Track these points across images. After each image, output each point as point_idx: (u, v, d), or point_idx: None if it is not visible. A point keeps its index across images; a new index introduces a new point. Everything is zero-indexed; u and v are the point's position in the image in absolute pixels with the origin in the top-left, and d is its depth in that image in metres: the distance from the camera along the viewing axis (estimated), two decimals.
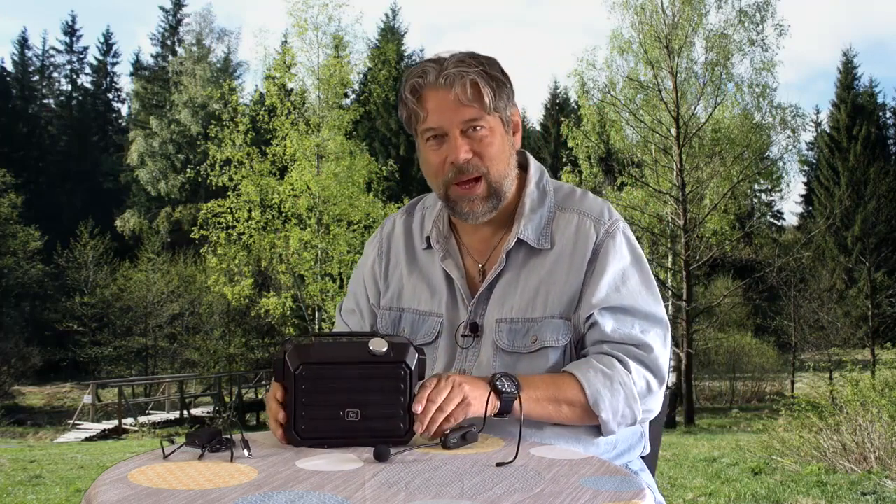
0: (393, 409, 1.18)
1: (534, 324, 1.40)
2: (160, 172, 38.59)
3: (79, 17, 73.49)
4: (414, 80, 1.39)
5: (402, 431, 1.18)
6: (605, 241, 1.42)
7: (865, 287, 27.56)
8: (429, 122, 1.39)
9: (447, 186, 1.41)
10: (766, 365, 27.11)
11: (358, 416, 1.17)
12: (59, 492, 6.36)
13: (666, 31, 19.59)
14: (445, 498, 0.93)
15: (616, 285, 1.40)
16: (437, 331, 1.47)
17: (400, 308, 1.52)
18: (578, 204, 1.47)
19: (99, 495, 0.93)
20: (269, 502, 0.90)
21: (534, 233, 1.44)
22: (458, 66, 1.36)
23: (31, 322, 29.68)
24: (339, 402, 1.17)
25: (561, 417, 1.33)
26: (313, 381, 1.17)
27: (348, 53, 20.36)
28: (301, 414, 1.17)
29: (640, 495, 0.96)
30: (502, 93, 1.40)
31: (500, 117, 1.40)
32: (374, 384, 1.18)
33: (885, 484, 5.36)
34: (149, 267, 28.97)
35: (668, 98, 19.62)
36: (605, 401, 1.32)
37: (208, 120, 28.62)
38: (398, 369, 1.18)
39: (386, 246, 1.58)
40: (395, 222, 1.60)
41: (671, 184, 19.99)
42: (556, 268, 1.42)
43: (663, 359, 1.40)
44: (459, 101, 1.35)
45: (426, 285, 1.50)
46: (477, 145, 1.38)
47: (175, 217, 37.00)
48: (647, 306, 1.41)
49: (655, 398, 1.39)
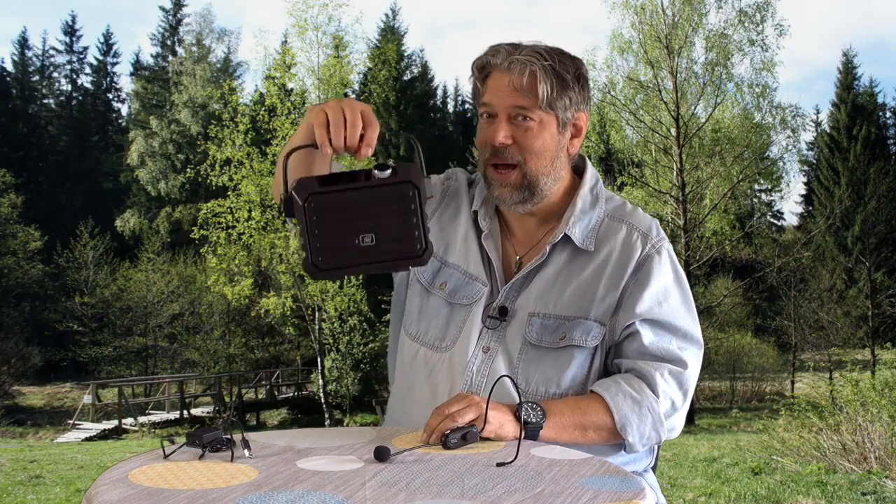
0: (407, 229, 1.16)
1: (565, 321, 1.40)
2: (160, 172, 38.58)
3: (79, 17, 73.68)
4: (485, 58, 1.41)
5: (419, 251, 1.16)
6: (651, 256, 1.43)
7: (865, 287, 27.55)
8: (483, 99, 1.41)
9: (486, 165, 1.43)
10: (766, 365, 27.10)
11: (373, 239, 1.15)
12: (59, 492, 6.36)
13: (666, 31, 19.59)
14: (446, 498, 0.93)
15: (658, 300, 1.41)
16: (478, 297, 1.45)
17: (444, 260, 1.50)
18: (629, 216, 1.48)
19: (99, 495, 0.93)
20: (270, 502, 0.90)
21: (581, 233, 1.44)
22: (528, 54, 1.36)
23: (31, 322, 29.66)
24: (353, 228, 1.15)
25: (586, 441, 1.33)
26: (323, 211, 1.15)
27: (348, 53, 20.40)
28: (316, 245, 1.15)
29: (641, 495, 0.96)
30: (565, 92, 1.38)
31: (555, 115, 1.39)
32: (384, 207, 1.16)
33: (885, 484, 5.36)
34: (149, 267, 28.95)
35: (668, 98, 19.63)
36: (632, 426, 1.34)
37: (208, 120, 28.63)
38: (406, 189, 1.16)
39: (453, 192, 1.56)
40: (461, 179, 1.59)
41: (671, 184, 20.00)
42: (597, 272, 1.42)
43: (694, 378, 1.42)
44: (514, 86, 1.36)
45: (475, 251, 1.49)
46: (520, 134, 1.38)
47: (175, 217, 36.98)
48: (685, 325, 1.42)
49: (679, 417, 1.41)
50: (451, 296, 1.46)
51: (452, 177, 1.60)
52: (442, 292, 1.48)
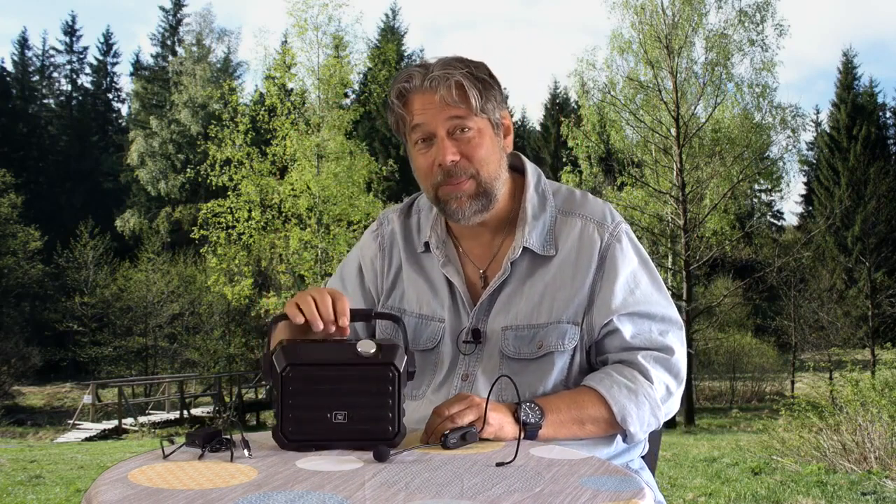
0: (381, 411, 1.16)
1: (539, 329, 1.39)
2: (160, 172, 38.59)
3: (79, 17, 73.67)
4: (400, 85, 1.38)
5: (390, 434, 1.16)
6: (612, 246, 1.42)
7: (865, 287, 27.54)
8: (415, 123, 1.38)
9: (437, 189, 1.40)
10: (766, 365, 27.09)
11: (346, 417, 1.16)
12: (59, 492, 6.36)
13: (666, 31, 19.59)
14: (445, 498, 0.93)
15: (630, 289, 1.40)
16: (439, 336, 1.45)
17: (402, 310, 1.50)
18: (580, 207, 1.46)
19: (99, 495, 0.93)
20: (269, 502, 0.90)
21: (538, 240, 1.43)
22: (443, 68, 1.35)
23: (31, 322, 29.66)
24: (327, 403, 1.16)
25: (585, 434, 1.34)
26: (300, 382, 1.16)
27: (348, 53, 20.37)
28: (288, 415, 1.16)
29: (640, 495, 0.96)
30: (490, 95, 1.38)
31: (488, 119, 1.39)
32: (362, 386, 1.16)
33: (885, 484, 5.36)
34: (149, 267, 28.95)
35: (668, 98, 19.62)
36: (632, 415, 1.34)
37: (208, 120, 28.62)
38: (386, 371, 1.16)
39: (388, 243, 1.55)
40: (393, 220, 1.57)
41: (671, 184, 19.99)
42: (561, 273, 1.41)
43: (683, 360, 1.42)
44: (445, 101, 1.34)
45: (428, 289, 1.49)
46: (465, 147, 1.37)
47: (175, 217, 37.00)
48: (661, 309, 1.42)
49: (674, 400, 1.41)
50: (415, 343, 1.45)
51: (384, 221, 1.58)
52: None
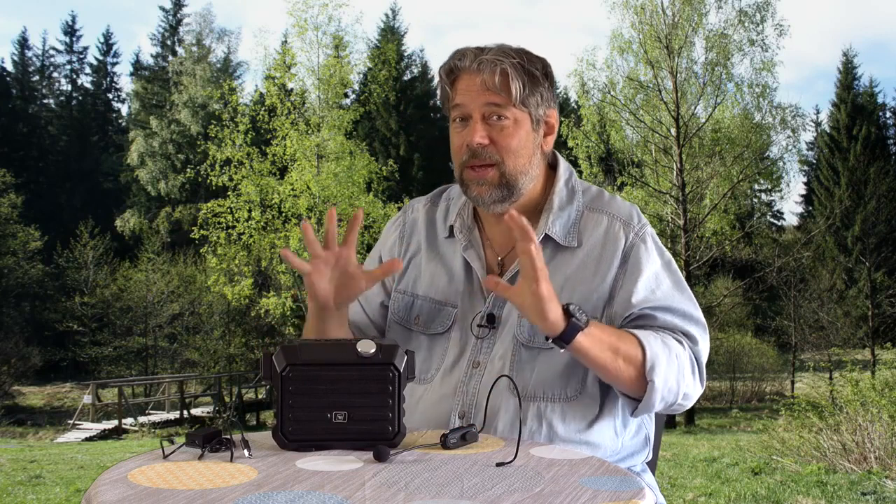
0: (381, 411, 1.17)
1: None
2: (160, 172, 38.59)
3: (79, 17, 73.68)
4: (451, 62, 1.40)
5: (390, 434, 1.17)
6: (636, 245, 1.41)
7: (865, 287, 27.56)
8: (456, 102, 1.40)
9: (462, 169, 1.42)
10: (766, 365, 27.08)
11: (346, 417, 1.16)
12: (59, 492, 6.36)
13: (666, 31, 19.59)
14: (445, 498, 0.93)
15: (651, 288, 1.39)
16: (450, 321, 1.46)
17: (415, 294, 1.51)
18: (608, 206, 1.46)
19: (99, 495, 0.93)
20: (269, 502, 0.90)
21: (562, 230, 1.43)
22: (495, 54, 1.36)
23: (31, 322, 29.66)
24: (327, 403, 1.16)
25: (615, 369, 1.29)
26: (300, 383, 1.16)
27: (348, 53, 20.35)
28: (288, 416, 1.16)
29: (640, 495, 0.96)
30: (536, 90, 1.38)
31: (528, 113, 1.39)
32: (361, 386, 1.17)
33: (885, 484, 5.36)
34: (149, 267, 28.95)
35: (668, 98, 19.63)
36: (661, 366, 1.30)
37: (208, 120, 28.63)
38: (386, 371, 1.17)
39: (409, 231, 1.57)
40: (418, 209, 1.59)
41: (671, 184, 20.00)
42: (582, 267, 1.41)
43: (705, 354, 1.39)
44: (486, 85, 1.36)
45: (444, 273, 1.49)
46: (496, 134, 1.38)
47: (175, 217, 36.99)
48: (683, 306, 1.40)
49: (696, 386, 1.37)
50: (426, 327, 1.46)
51: (409, 210, 1.61)
52: (418, 326, 1.49)
